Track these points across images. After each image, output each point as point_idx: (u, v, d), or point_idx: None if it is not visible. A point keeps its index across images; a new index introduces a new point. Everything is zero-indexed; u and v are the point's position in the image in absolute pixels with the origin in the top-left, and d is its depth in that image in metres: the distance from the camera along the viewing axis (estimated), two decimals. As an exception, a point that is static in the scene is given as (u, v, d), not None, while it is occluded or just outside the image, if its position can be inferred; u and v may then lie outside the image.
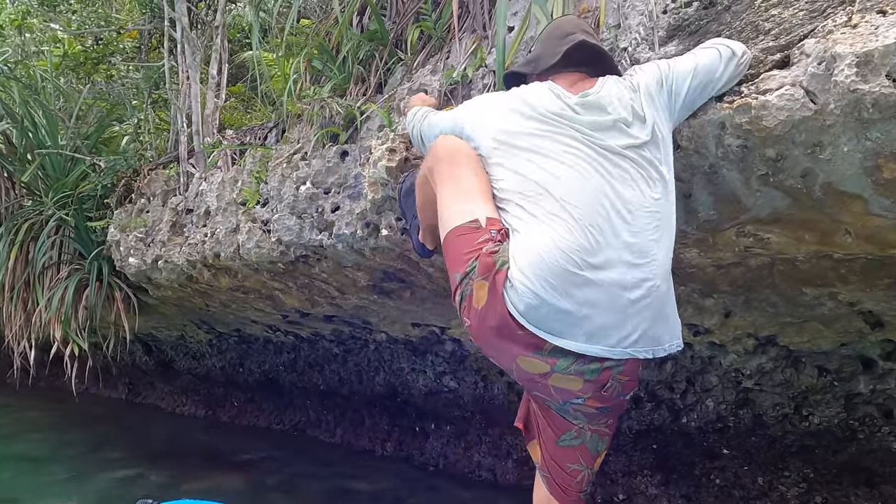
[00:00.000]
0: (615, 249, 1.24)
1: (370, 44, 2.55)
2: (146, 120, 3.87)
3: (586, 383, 1.28)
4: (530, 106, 1.39)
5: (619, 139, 1.31)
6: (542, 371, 1.28)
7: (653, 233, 1.27)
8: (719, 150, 1.28)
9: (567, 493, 1.50)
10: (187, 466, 4.16)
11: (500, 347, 1.30)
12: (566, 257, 1.23)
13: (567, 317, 1.22)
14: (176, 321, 5.06)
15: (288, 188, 2.35)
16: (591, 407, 1.35)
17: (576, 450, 1.45)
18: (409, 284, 2.51)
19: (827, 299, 1.83)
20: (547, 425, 1.46)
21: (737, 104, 1.22)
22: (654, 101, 1.34)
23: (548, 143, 1.33)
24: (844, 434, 2.37)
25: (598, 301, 1.23)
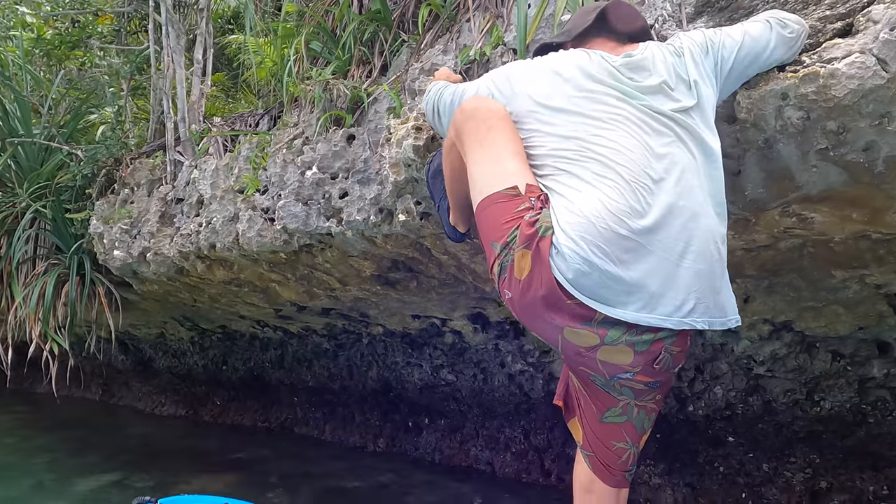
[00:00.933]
0: (663, 212, 1.16)
1: (373, 24, 2.44)
2: (125, 107, 3.67)
3: (637, 355, 1.20)
4: (570, 67, 1.31)
5: (665, 102, 1.24)
6: (591, 344, 1.20)
7: (700, 196, 1.20)
8: (778, 122, 1.22)
9: (612, 471, 1.42)
10: (173, 468, 3.99)
11: (545, 319, 1.21)
12: (617, 220, 1.14)
13: (619, 284, 1.14)
14: (157, 318, 4.85)
15: (292, 174, 2.22)
16: (639, 382, 1.27)
17: (621, 427, 1.37)
18: (416, 273, 2.41)
19: (853, 282, 1.79)
20: (590, 401, 1.39)
21: (802, 73, 1.16)
22: (699, 68, 1.28)
23: (591, 105, 1.25)
24: (855, 418, 2.36)
25: (651, 267, 1.14)
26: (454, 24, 2.23)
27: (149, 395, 6.45)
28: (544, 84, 1.32)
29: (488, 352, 3.28)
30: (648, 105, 1.23)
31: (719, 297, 1.23)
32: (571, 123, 1.26)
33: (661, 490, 3.07)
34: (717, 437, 2.90)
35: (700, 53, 1.29)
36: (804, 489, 2.71)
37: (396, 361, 3.90)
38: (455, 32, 2.17)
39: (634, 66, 1.29)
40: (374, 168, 2.05)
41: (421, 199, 1.80)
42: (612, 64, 1.29)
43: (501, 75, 1.44)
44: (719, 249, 1.22)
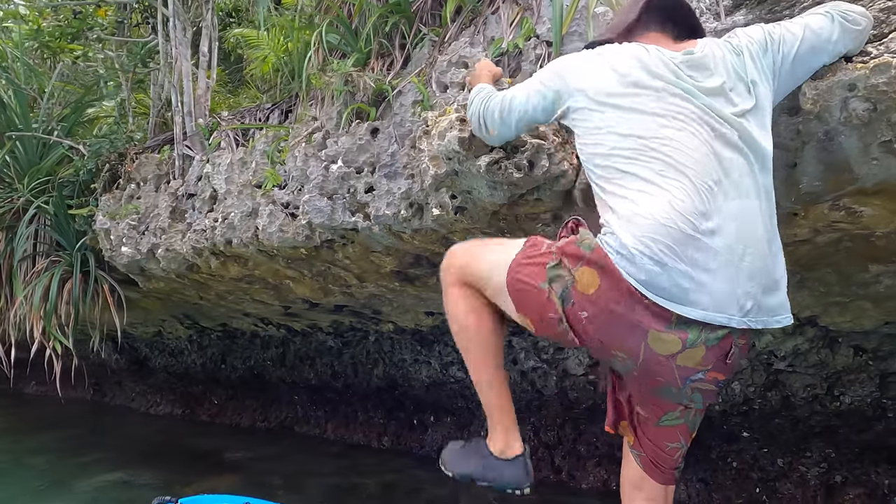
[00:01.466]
0: (724, 215, 1.16)
1: (394, 16, 2.39)
2: (128, 101, 3.58)
3: (708, 351, 1.18)
4: (628, 61, 1.27)
5: (725, 105, 1.22)
6: (674, 350, 1.17)
7: (756, 200, 1.19)
8: (843, 114, 1.20)
9: (662, 470, 1.41)
10: (176, 468, 3.92)
11: (629, 325, 1.18)
12: (685, 220, 1.13)
13: (690, 283, 1.13)
14: (155, 316, 4.76)
15: (315, 168, 2.17)
16: (711, 381, 1.24)
17: (676, 429, 1.35)
18: (438, 269, 2.37)
19: (887, 277, 1.79)
20: (647, 410, 1.37)
21: (873, 64, 1.14)
22: (758, 67, 1.25)
23: (652, 102, 1.22)
24: (875, 413, 2.37)
25: (718, 267, 1.14)
26: (478, 16, 2.19)
27: (143, 395, 6.33)
28: (600, 79, 1.29)
29: (501, 348, 3.25)
30: (710, 106, 1.21)
31: (774, 298, 1.23)
32: (630, 121, 1.23)
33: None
34: (731, 433, 2.90)
35: (759, 51, 1.26)
36: (819, 483, 2.72)
37: (404, 359, 3.86)
38: (481, 24, 2.13)
39: (695, 64, 1.25)
40: (401, 162, 2.01)
41: (457, 193, 1.77)
42: (673, 60, 1.26)
43: (551, 73, 1.40)
44: (772, 251, 1.22)
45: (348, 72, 2.27)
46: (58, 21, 3.49)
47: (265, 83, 4.24)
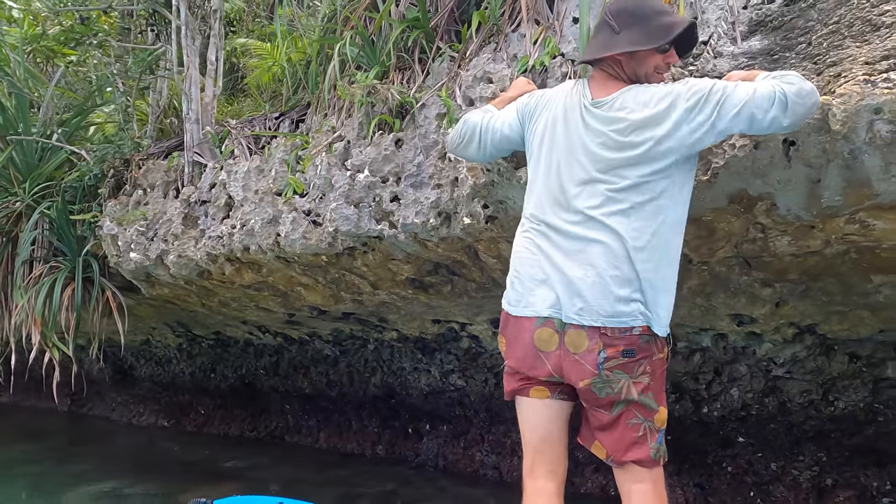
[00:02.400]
0: (559, 241, 1.52)
1: (414, 31, 2.46)
2: (133, 107, 3.56)
3: (588, 333, 1.43)
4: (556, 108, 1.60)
5: (605, 153, 1.46)
6: (554, 339, 1.46)
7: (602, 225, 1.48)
8: (868, 135, 1.31)
9: (641, 449, 1.49)
10: (168, 477, 3.85)
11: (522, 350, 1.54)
12: (527, 249, 1.56)
13: (531, 294, 1.52)
14: (146, 324, 4.69)
15: (339, 177, 2.21)
16: (615, 357, 1.43)
17: (629, 407, 1.47)
18: (455, 277, 2.43)
19: (887, 287, 1.91)
20: (596, 416, 1.53)
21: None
22: (676, 122, 1.40)
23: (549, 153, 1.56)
24: (867, 417, 2.50)
25: (541, 281, 1.51)
26: (498, 33, 2.27)
27: (125, 406, 6.19)
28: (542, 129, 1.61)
29: (501, 357, 3.31)
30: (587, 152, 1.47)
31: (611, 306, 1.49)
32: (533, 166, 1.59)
33: (671, 490, 3.13)
34: (727, 438, 3.00)
35: (693, 107, 1.39)
36: (811, 486, 2.83)
37: (403, 367, 3.88)
38: (503, 42, 2.21)
39: (597, 116, 1.48)
40: (427, 172, 2.07)
41: (489, 203, 1.83)
42: (584, 102, 1.52)
43: (525, 109, 1.68)
44: (614, 272, 1.48)
45: (371, 84, 2.32)
46: (61, 25, 3.47)
47: (265, 92, 4.26)
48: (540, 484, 1.59)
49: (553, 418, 1.59)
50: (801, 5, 1.70)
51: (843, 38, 1.50)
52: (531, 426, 1.62)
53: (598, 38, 1.58)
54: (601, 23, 1.60)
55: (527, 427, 1.63)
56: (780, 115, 1.31)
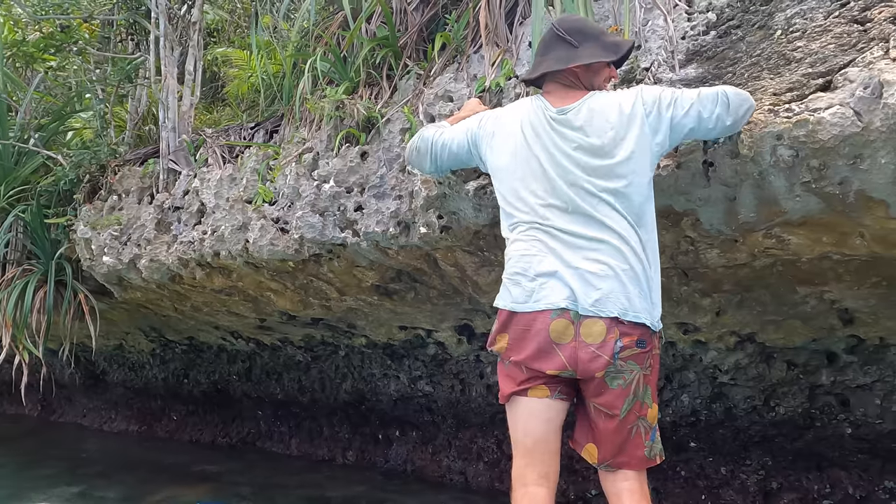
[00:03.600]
0: (567, 238, 1.56)
1: (383, 50, 2.60)
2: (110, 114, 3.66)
3: (606, 322, 1.48)
4: (517, 120, 1.67)
5: (584, 157, 1.54)
6: (569, 330, 1.50)
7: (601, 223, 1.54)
8: (772, 158, 1.46)
9: (638, 452, 1.55)
10: (139, 480, 3.90)
11: (534, 344, 1.53)
12: (534, 248, 1.58)
13: (543, 289, 1.55)
14: (119, 329, 4.74)
15: (306, 186, 2.33)
16: (631, 347, 1.49)
17: (633, 410, 1.54)
18: (417, 284, 2.55)
19: (812, 298, 2.07)
20: (603, 413, 1.55)
21: (795, 119, 1.40)
22: (640, 123, 1.52)
23: (523, 161, 1.61)
24: (804, 422, 2.66)
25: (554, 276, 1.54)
26: (462, 54, 2.42)
27: (96, 411, 6.19)
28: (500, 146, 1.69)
29: (469, 363, 3.43)
30: (567, 159, 1.54)
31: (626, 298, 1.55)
32: (507, 179, 1.65)
33: (628, 494, 3.28)
34: (680, 444, 3.14)
35: (651, 109, 1.52)
36: (758, 490, 2.98)
37: (373, 373, 3.99)
38: (465, 62, 2.36)
39: (563, 122, 1.57)
40: (389, 184, 2.20)
41: (444, 214, 1.96)
42: (549, 114, 1.59)
43: (479, 130, 1.76)
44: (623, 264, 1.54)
45: (340, 98, 2.45)
46: (41, 32, 3.56)
47: (243, 102, 4.37)
48: (532, 490, 1.57)
49: (551, 419, 1.59)
50: (732, 38, 1.87)
51: (761, 70, 1.66)
52: (526, 428, 1.60)
53: (556, 53, 1.67)
54: (555, 39, 1.70)
55: (520, 429, 1.62)
56: (724, 114, 1.47)
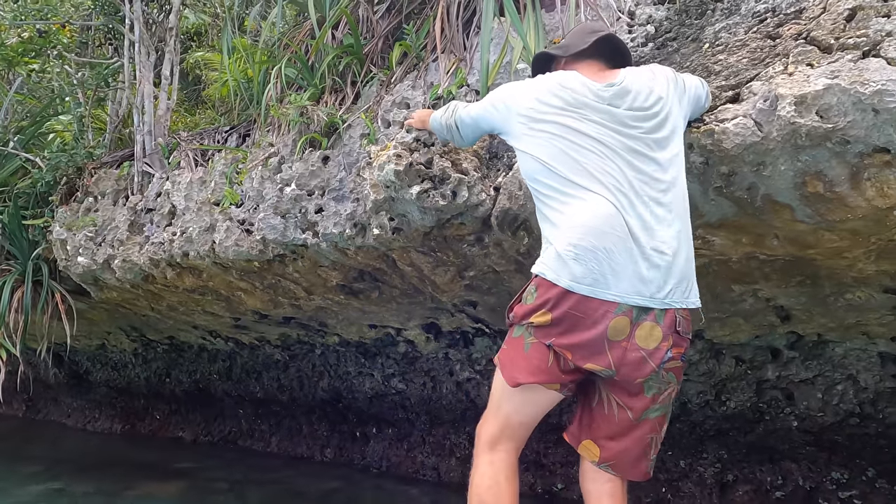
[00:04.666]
0: (641, 217, 1.42)
1: (347, 57, 2.71)
2: (87, 117, 3.76)
3: (663, 330, 1.42)
4: (561, 100, 1.53)
5: (639, 123, 1.47)
6: (626, 330, 1.41)
7: (666, 203, 1.45)
8: (686, 164, 1.58)
9: (641, 466, 1.57)
10: (117, 477, 4.01)
11: (589, 330, 1.42)
12: (608, 224, 1.41)
13: (615, 275, 1.40)
14: (101, 329, 4.84)
15: (270, 189, 2.45)
16: (676, 358, 1.46)
17: (655, 421, 1.54)
18: (380, 283, 2.67)
19: (749, 296, 2.20)
20: (625, 410, 1.52)
21: (703, 129, 1.53)
22: (673, 94, 1.52)
23: (577, 125, 1.48)
24: (754, 416, 2.78)
25: (628, 261, 1.41)
26: (421, 62, 2.54)
27: (80, 411, 6.29)
28: (536, 105, 1.55)
29: (438, 360, 3.55)
30: (624, 126, 1.46)
31: (689, 286, 1.53)
32: (559, 143, 1.48)
33: (592, 487, 3.40)
34: (641, 438, 3.27)
35: (674, 84, 1.55)
36: (714, 482, 3.11)
37: (348, 371, 4.10)
38: (423, 70, 2.48)
39: (616, 93, 1.50)
40: (348, 187, 2.32)
41: (394, 216, 2.08)
42: (594, 88, 1.52)
43: (499, 99, 1.67)
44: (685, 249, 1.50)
45: (304, 105, 2.57)
46: (20, 37, 3.66)
47: (223, 105, 4.48)
48: (500, 456, 1.57)
49: (547, 408, 1.59)
50: (668, 49, 1.99)
51: (686, 82, 1.78)
52: (524, 413, 1.58)
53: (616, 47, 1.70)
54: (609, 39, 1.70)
55: (513, 409, 1.58)
56: (706, 101, 1.58)
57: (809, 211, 1.54)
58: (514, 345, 1.57)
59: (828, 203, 1.50)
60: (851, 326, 2.23)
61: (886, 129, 1.32)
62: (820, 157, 1.42)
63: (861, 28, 1.38)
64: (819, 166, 1.44)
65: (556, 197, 1.51)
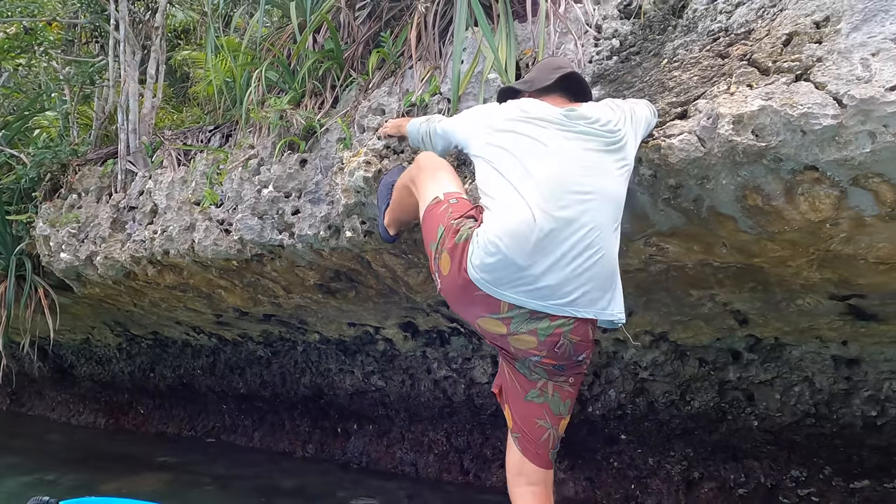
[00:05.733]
0: (573, 225, 1.49)
1: (327, 62, 2.80)
2: (73, 114, 3.83)
3: (540, 343, 1.51)
4: (524, 112, 1.65)
5: (592, 141, 1.57)
6: (501, 332, 1.54)
7: (605, 214, 1.53)
8: (636, 177, 1.69)
9: (537, 449, 1.70)
10: (98, 470, 4.09)
11: (464, 309, 1.58)
12: (532, 227, 1.47)
13: (519, 278, 1.46)
14: (85, 323, 4.91)
15: (248, 190, 2.53)
16: (548, 364, 1.58)
17: (541, 406, 1.67)
18: (356, 283, 2.76)
19: (707, 300, 2.31)
20: (515, 381, 1.69)
21: (651, 144, 1.63)
22: (630, 128, 1.62)
23: (527, 141, 1.59)
24: (717, 416, 2.90)
25: (549, 264, 1.47)
26: (399, 68, 2.63)
27: (65, 404, 6.36)
28: (498, 127, 1.67)
29: (416, 358, 3.65)
30: (579, 142, 1.57)
31: (613, 294, 1.60)
32: (508, 157, 1.59)
33: (564, 483, 3.52)
34: (612, 436, 3.39)
35: (629, 115, 1.65)
36: (681, 479, 3.23)
37: (329, 368, 4.19)
38: (399, 77, 2.57)
39: (575, 116, 1.62)
40: (324, 190, 2.41)
41: (366, 220, 2.17)
42: (556, 112, 1.63)
43: (473, 119, 1.79)
44: (612, 256, 1.58)
45: (283, 108, 2.65)
46: (6, 33, 3.72)
47: (209, 103, 4.55)
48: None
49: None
50: (632, 63, 2.09)
51: (644, 96, 1.88)
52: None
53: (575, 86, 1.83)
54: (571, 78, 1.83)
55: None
56: (653, 117, 1.69)
57: (751, 222, 1.65)
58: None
59: (767, 215, 1.60)
60: (805, 330, 2.35)
61: (813, 149, 1.42)
62: (757, 173, 1.53)
63: (795, 53, 1.48)
64: (757, 181, 1.54)
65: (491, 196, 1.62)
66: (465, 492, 3.71)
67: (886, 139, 1.32)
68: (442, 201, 1.65)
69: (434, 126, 1.96)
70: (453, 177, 1.77)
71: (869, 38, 1.38)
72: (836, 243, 1.62)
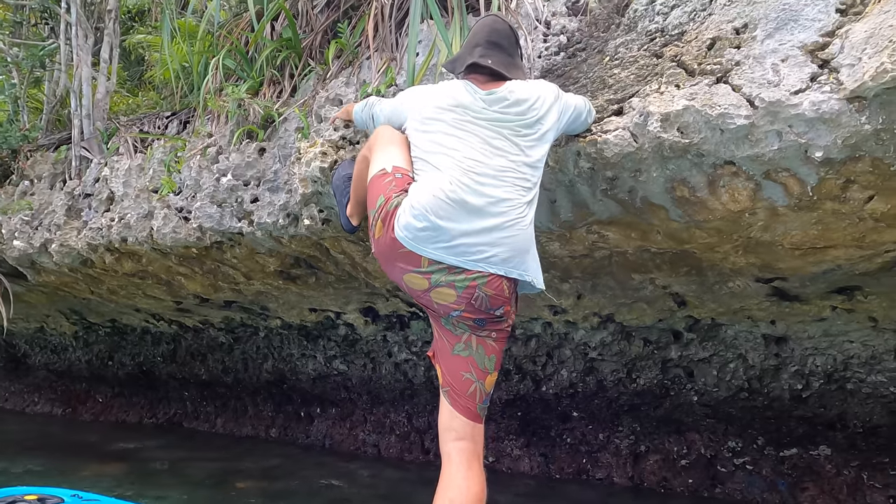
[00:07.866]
0: (486, 197, 1.66)
1: (285, 51, 2.85)
2: (23, 99, 3.77)
3: (458, 297, 1.66)
4: (452, 99, 1.81)
5: (505, 127, 1.72)
6: (423, 287, 1.68)
7: (517, 189, 1.69)
8: (576, 169, 1.82)
9: (465, 402, 1.75)
10: (57, 458, 4.09)
11: (392, 267, 1.72)
12: (446, 194, 1.65)
13: (438, 237, 1.64)
14: (39, 311, 4.86)
15: (207, 179, 2.59)
16: (468, 319, 1.70)
17: (466, 360, 1.75)
18: (316, 270, 2.85)
19: (648, 284, 2.48)
20: (443, 337, 1.79)
21: (588, 139, 1.76)
22: (554, 106, 1.75)
23: (452, 125, 1.76)
24: (661, 392, 3.10)
25: (464, 229, 1.64)
26: (356, 59, 2.70)
27: (19, 394, 6.27)
28: (429, 109, 1.82)
29: (377, 343, 3.76)
30: (492, 126, 1.73)
31: (524, 259, 1.73)
32: (435, 134, 1.77)
33: (520, 460, 3.70)
34: (565, 413, 3.57)
35: (553, 100, 1.77)
36: (629, 453, 3.45)
37: (292, 353, 4.27)
38: (356, 67, 2.65)
39: (493, 101, 1.76)
40: (282, 179, 2.48)
41: (323, 208, 2.26)
42: (476, 96, 1.78)
43: (410, 100, 1.93)
44: (528, 227, 1.71)
45: (241, 97, 2.70)
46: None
47: (165, 87, 4.51)
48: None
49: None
50: (577, 59, 2.22)
51: (586, 92, 2.02)
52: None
53: (500, 58, 1.90)
54: (494, 44, 1.92)
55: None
56: (588, 117, 1.82)
57: (680, 212, 1.80)
58: None
59: (693, 205, 1.76)
60: (737, 311, 2.55)
61: (730, 146, 1.58)
62: (683, 167, 1.68)
63: (717, 56, 1.63)
64: (683, 174, 1.69)
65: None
66: (426, 471, 3.86)
67: (790, 138, 1.48)
68: (388, 173, 1.79)
69: (375, 109, 2.10)
70: (403, 151, 1.87)
71: (780, 45, 1.53)
72: (756, 231, 1.79)
